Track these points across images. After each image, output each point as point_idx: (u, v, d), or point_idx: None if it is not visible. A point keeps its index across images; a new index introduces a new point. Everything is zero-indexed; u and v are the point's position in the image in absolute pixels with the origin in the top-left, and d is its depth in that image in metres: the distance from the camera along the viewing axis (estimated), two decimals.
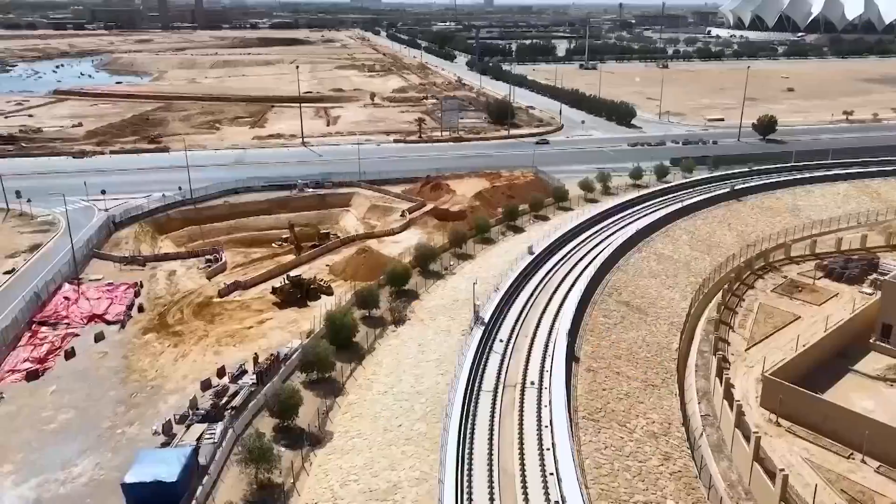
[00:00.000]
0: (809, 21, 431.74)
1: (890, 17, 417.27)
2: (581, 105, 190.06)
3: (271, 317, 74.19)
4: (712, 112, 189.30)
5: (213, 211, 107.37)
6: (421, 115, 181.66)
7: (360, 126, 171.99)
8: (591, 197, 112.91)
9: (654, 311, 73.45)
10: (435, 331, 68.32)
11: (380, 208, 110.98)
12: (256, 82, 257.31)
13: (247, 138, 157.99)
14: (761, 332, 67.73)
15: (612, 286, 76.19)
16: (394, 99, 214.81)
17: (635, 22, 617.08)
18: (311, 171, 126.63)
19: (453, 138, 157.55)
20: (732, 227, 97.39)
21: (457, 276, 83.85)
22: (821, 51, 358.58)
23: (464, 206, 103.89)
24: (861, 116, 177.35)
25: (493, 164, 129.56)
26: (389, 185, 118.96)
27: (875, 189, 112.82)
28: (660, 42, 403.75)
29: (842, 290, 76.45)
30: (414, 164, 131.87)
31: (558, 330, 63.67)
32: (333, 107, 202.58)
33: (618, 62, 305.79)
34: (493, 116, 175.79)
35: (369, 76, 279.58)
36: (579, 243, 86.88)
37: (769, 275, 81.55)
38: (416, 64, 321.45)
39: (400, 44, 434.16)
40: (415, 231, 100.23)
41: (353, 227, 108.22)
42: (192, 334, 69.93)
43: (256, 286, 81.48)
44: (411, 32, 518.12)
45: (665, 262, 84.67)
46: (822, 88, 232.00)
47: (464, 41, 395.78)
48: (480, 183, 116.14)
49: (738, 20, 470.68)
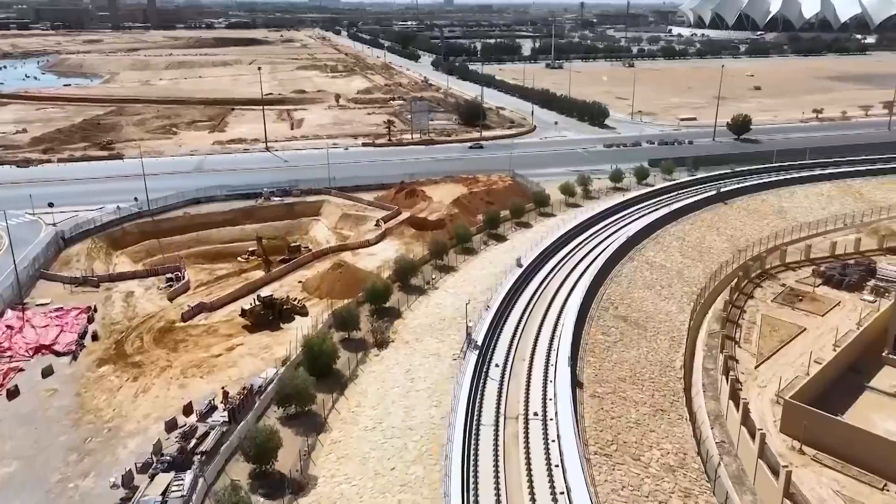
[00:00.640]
0: (768, 20, 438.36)
1: (845, 15, 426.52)
2: (552, 105, 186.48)
3: (241, 342, 67.91)
4: (682, 111, 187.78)
5: (173, 223, 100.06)
6: (389, 116, 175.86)
7: (326, 129, 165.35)
8: (572, 201, 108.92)
9: (653, 326, 69.32)
10: (423, 354, 62.94)
11: (352, 217, 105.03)
12: (214, 84, 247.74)
13: (206, 143, 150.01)
14: (768, 346, 64.07)
15: (607, 300, 71.87)
16: (359, 100, 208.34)
17: (597, 21, 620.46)
18: (276, 177, 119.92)
19: (424, 141, 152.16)
20: (721, 231, 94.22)
21: (440, 290, 78.62)
22: (781, 49, 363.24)
23: (442, 215, 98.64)
24: (830, 114, 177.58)
25: (468, 168, 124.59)
26: (361, 192, 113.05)
27: (857, 189, 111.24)
28: (623, 41, 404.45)
29: (843, 298, 73.54)
30: (385, 169, 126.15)
31: (557, 351, 59.03)
32: (296, 109, 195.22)
33: (583, 61, 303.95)
34: (463, 118, 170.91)
35: (332, 77, 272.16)
36: (568, 253, 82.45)
37: (767, 282, 78.30)
38: (380, 64, 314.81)
39: (362, 43, 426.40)
40: (391, 242, 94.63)
41: (325, 237, 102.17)
42: (153, 365, 63.29)
43: (223, 307, 75.01)
44: (373, 32, 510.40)
45: (658, 271, 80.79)
46: (787, 86, 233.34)
47: (427, 41, 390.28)
48: (457, 188, 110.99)
49: (698, 19, 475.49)
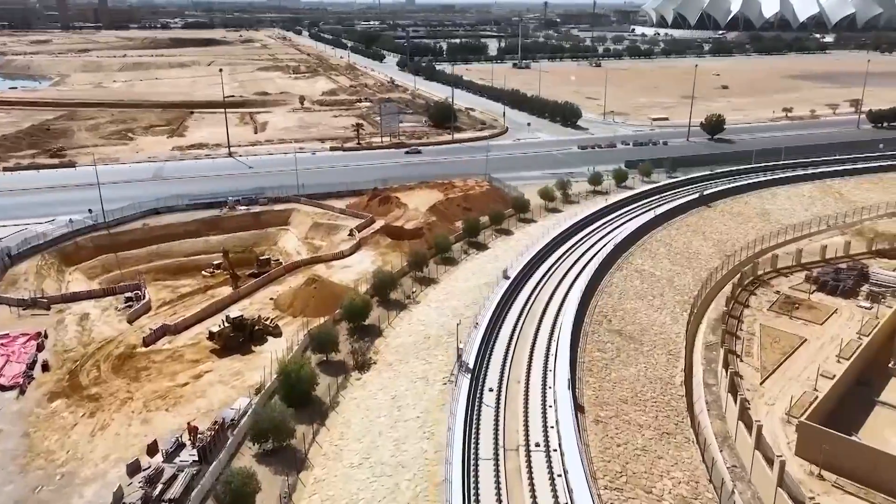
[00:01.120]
0: (729, 19, 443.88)
1: (803, 15, 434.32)
2: (523, 106, 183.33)
3: (210, 368, 62.47)
4: (653, 111, 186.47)
5: (131, 236, 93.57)
6: (357, 119, 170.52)
7: (291, 132, 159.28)
8: (552, 206, 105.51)
9: (649, 340, 66.01)
10: (409, 378, 58.42)
11: (323, 226, 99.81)
12: (172, 86, 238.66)
13: (165, 149, 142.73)
14: (771, 360, 61.21)
15: (599, 312, 68.34)
16: (325, 102, 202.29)
17: (560, 21, 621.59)
18: (241, 185, 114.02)
19: (394, 144, 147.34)
20: (707, 236, 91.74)
21: (422, 305, 74.18)
22: (744, 48, 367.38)
23: (419, 223, 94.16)
24: (800, 113, 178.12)
25: (442, 173, 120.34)
26: (332, 200, 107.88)
27: (837, 189, 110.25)
28: (589, 41, 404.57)
29: (839, 305, 71.31)
30: (356, 175, 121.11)
31: (554, 372, 55.22)
32: (260, 112, 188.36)
33: (550, 61, 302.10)
34: (433, 120, 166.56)
35: (295, 78, 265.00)
36: (555, 263, 78.78)
37: (760, 290, 75.79)
38: (344, 64, 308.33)
39: (324, 43, 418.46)
40: (366, 252, 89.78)
41: (294, 248, 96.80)
42: (112, 398, 57.54)
43: (189, 329, 69.33)
44: (335, 32, 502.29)
45: (647, 279, 77.65)
46: (753, 85, 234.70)
47: (391, 40, 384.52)
48: (433, 194, 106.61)
49: (660, 18, 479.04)
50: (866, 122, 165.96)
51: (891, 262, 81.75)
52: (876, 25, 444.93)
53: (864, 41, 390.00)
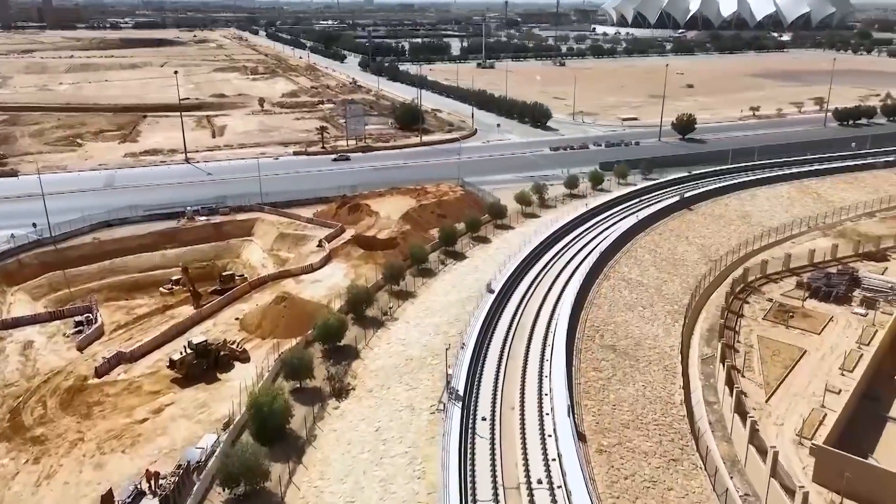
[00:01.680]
0: (688, 18, 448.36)
1: (760, 14, 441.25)
2: (491, 106, 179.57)
3: (171, 401, 56.79)
4: (621, 111, 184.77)
5: (81, 251, 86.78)
6: (321, 122, 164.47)
7: (252, 136, 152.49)
8: (528, 211, 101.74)
9: (644, 355, 62.46)
10: (393, 406, 53.69)
11: (290, 237, 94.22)
12: (123, 88, 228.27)
13: (117, 155, 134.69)
14: (773, 374, 58.24)
15: (591, 326, 64.59)
16: (285, 104, 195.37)
17: (521, 20, 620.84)
18: (200, 193, 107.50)
19: (360, 147, 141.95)
20: (691, 240, 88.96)
21: (401, 322, 69.45)
22: (704, 47, 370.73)
23: (392, 232, 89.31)
24: (767, 112, 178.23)
25: (412, 177, 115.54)
26: (298, 208, 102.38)
27: (814, 189, 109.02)
28: (551, 40, 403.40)
29: (834, 312, 68.96)
30: (322, 181, 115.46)
31: (551, 395, 51.21)
32: (217, 115, 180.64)
33: (514, 61, 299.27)
34: (400, 122, 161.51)
35: (253, 79, 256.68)
36: (540, 273, 74.84)
37: (752, 297, 73.08)
38: (304, 65, 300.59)
39: (282, 44, 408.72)
40: (338, 265, 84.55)
41: (259, 260, 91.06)
42: (60, 439, 51.56)
43: (147, 356, 63.35)
44: (293, 31, 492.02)
45: (636, 289, 74.26)
46: (717, 84, 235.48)
47: (351, 40, 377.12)
48: (405, 201, 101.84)
49: (621, 17, 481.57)
50: (832, 121, 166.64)
51: (878, 266, 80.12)
52: (829, 24, 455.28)
53: (820, 40, 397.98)
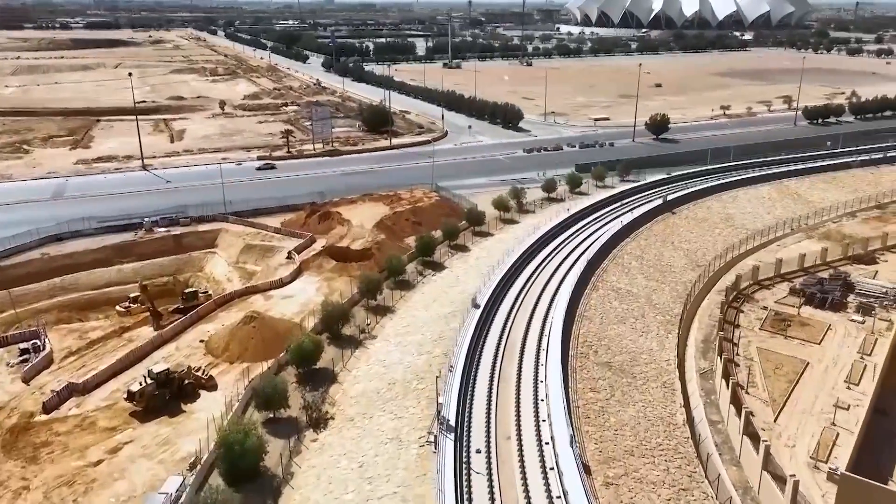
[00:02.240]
0: (651, 17, 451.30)
1: (722, 13, 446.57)
2: (461, 108, 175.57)
3: (130, 438, 51.40)
4: (592, 111, 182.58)
5: (28, 268, 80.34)
6: (286, 125, 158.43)
7: (213, 141, 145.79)
8: (507, 217, 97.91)
9: (640, 371, 59.02)
10: (377, 438, 49.10)
11: (257, 248, 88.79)
12: (74, 91, 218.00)
13: (68, 163, 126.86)
14: (778, 390, 55.24)
15: (584, 342, 60.93)
16: (247, 107, 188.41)
17: (485, 20, 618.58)
18: (159, 202, 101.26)
19: (328, 152, 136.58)
20: (676, 245, 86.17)
21: (380, 341, 64.86)
22: (669, 46, 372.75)
23: (367, 242, 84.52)
24: (737, 111, 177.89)
25: (384, 183, 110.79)
26: (264, 217, 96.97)
27: (794, 190, 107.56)
28: (517, 39, 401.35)
29: (831, 320, 66.53)
30: (290, 188, 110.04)
31: (549, 421, 47.21)
32: (175, 118, 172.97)
33: (480, 60, 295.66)
34: (367, 124, 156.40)
35: (212, 81, 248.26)
36: (525, 285, 70.90)
37: (746, 306, 70.27)
38: (265, 65, 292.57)
39: (242, 44, 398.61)
40: (309, 278, 79.50)
41: (224, 274, 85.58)
42: (2, 488, 45.72)
43: (102, 387, 57.65)
44: (252, 31, 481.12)
45: (626, 299, 70.93)
46: (685, 83, 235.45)
47: (314, 40, 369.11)
48: (378, 208, 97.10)
49: (584, 17, 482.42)
50: (802, 119, 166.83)
51: (868, 269, 78.29)
52: (789, 23, 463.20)
53: (781, 39, 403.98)
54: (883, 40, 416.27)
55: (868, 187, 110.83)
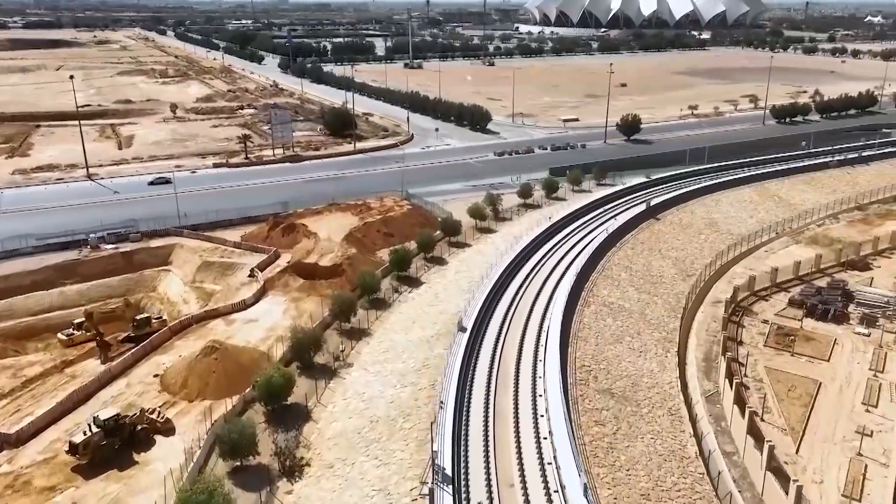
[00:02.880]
0: (610, 17, 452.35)
1: (679, 12, 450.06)
2: (426, 109, 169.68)
3: (72, 500, 44.37)
4: (560, 111, 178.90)
5: None
6: (242, 129, 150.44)
7: (164, 147, 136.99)
8: (483, 226, 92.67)
9: (644, 397, 54.38)
10: (361, 489, 43.29)
11: (215, 265, 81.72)
12: (11, 94, 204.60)
13: (3, 173, 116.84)
14: (795, 416, 51.17)
15: (582, 367, 56.01)
16: (201, 110, 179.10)
17: (443, 19, 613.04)
18: (106, 215, 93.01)
19: (289, 157, 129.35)
20: (664, 254, 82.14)
21: (357, 370, 58.84)
22: (629, 45, 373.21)
23: (337, 257, 78.14)
24: (705, 111, 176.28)
25: (351, 190, 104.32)
26: (223, 230, 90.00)
27: (774, 192, 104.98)
28: (477, 39, 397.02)
29: (835, 334, 63.09)
30: (249, 197, 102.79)
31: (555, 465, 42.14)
32: (124, 123, 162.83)
33: (441, 60, 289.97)
34: (330, 128, 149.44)
35: (163, 83, 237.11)
36: (513, 302, 65.66)
37: (745, 319, 66.38)
38: (219, 67, 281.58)
39: (193, 44, 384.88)
40: (275, 299, 72.84)
41: (180, 294, 78.41)
42: None
43: (39, 436, 50.29)
44: (204, 31, 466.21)
45: (619, 315, 66.35)
46: (648, 83, 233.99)
47: (269, 40, 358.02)
48: (347, 219, 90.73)
49: (544, 16, 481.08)
50: (770, 118, 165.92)
51: (863, 275, 75.43)
52: (744, 23, 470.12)
53: (738, 38, 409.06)
54: (835, 39, 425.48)
55: (846, 188, 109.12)
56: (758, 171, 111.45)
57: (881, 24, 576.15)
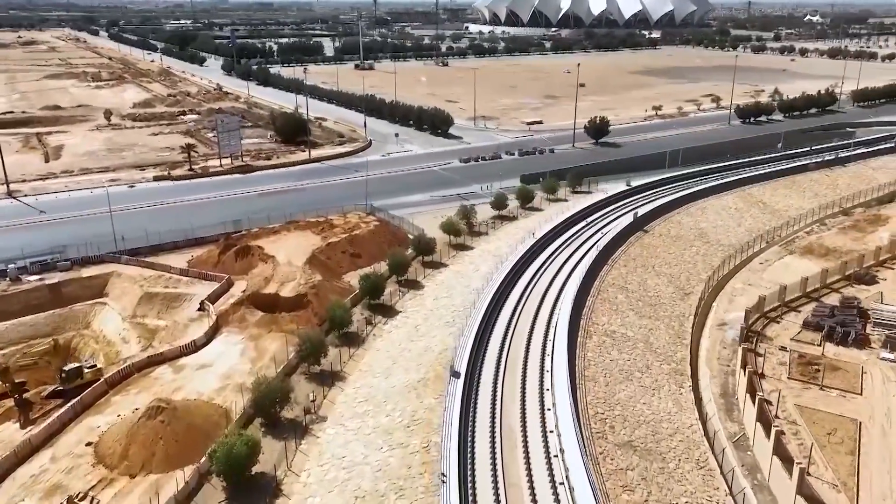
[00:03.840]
0: (560, 16, 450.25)
1: (628, 12, 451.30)
2: (383, 113, 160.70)
3: None
4: (521, 113, 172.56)
5: None
6: (185, 137, 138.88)
7: (98, 159, 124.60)
8: (458, 242, 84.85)
9: (668, 447, 47.48)
10: None
11: (159, 297, 71.69)
12: None
13: None
14: (843, 467, 44.97)
15: (595, 414, 48.86)
16: (138, 116, 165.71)
17: (391, 19, 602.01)
18: (30, 240, 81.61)
19: (238, 168, 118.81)
20: (658, 270, 75.88)
21: (332, 425, 50.35)
22: (582, 44, 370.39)
23: (300, 286, 69.03)
24: (669, 111, 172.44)
25: (308, 203, 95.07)
26: (167, 255, 80.00)
27: (758, 198, 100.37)
28: (427, 39, 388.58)
29: (859, 359, 57.64)
30: (196, 215, 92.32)
31: None
32: (51, 132, 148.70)
33: (393, 61, 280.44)
34: (281, 134, 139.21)
35: (96, 87, 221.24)
36: (506, 335, 57.94)
37: (761, 345, 60.31)
38: (157, 69, 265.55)
39: (128, 45, 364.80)
40: (230, 337, 63.36)
41: (118, 332, 68.40)
42: None
43: None
44: (139, 32, 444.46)
45: (624, 346, 59.50)
46: (606, 82, 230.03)
47: (210, 41, 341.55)
48: (307, 239, 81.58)
49: (493, 16, 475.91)
50: (734, 118, 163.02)
51: (869, 289, 70.63)
52: (691, 22, 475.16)
53: (688, 37, 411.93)
54: (780, 38, 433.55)
55: (827, 191, 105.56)
56: (739, 175, 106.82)
57: (821, 23, 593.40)
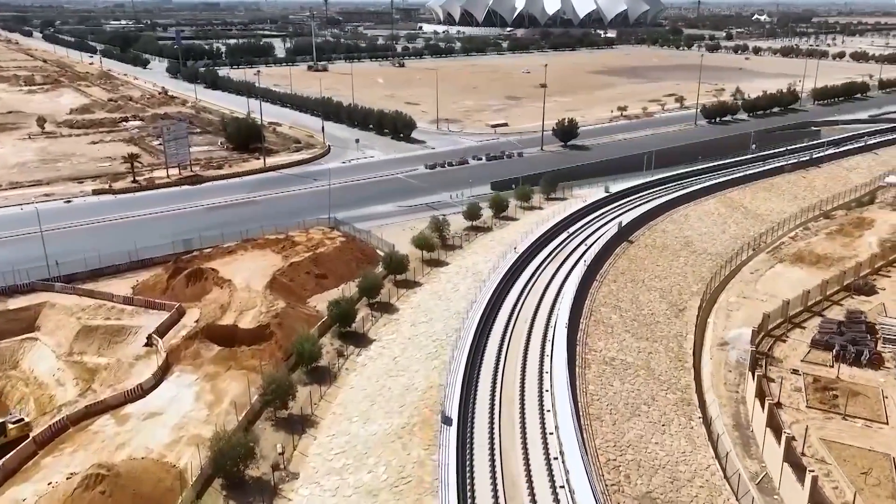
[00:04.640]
0: (515, 16, 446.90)
1: (583, 11, 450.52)
2: (341, 117, 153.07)
3: None
4: (484, 115, 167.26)
5: None
6: (128, 146, 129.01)
7: (30, 171, 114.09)
8: (431, 257, 78.64)
9: (688, 497, 42.25)
10: None
11: (100, 331, 63.59)
12: None
13: None
14: None
15: (607, 461, 43.43)
16: (76, 123, 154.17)
17: (342, 19, 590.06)
18: None
19: (187, 178, 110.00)
20: (648, 285, 71.01)
21: (304, 484, 43.97)
22: (538, 44, 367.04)
23: (261, 315, 61.72)
24: (634, 111, 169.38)
25: (265, 216, 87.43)
26: (109, 280, 71.85)
27: (739, 202, 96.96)
28: (382, 39, 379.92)
29: (876, 382, 53.62)
30: (141, 233, 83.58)
31: None
32: None
33: (348, 62, 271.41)
34: (232, 141, 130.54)
35: (28, 91, 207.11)
36: (497, 370, 51.91)
37: (771, 368, 55.78)
38: (96, 72, 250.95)
39: (64, 47, 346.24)
40: (183, 378, 55.78)
41: (51, 373, 60.40)
42: None
43: None
44: (77, 33, 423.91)
45: (625, 375, 54.20)
46: (567, 83, 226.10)
47: (154, 42, 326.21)
48: (267, 258, 74.20)
49: (447, 16, 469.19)
50: (701, 118, 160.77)
51: (870, 300, 67.15)
52: (644, 21, 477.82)
53: (643, 37, 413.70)
54: (732, 37, 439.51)
55: (806, 193, 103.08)
56: (717, 179, 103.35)
57: (769, 22, 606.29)
